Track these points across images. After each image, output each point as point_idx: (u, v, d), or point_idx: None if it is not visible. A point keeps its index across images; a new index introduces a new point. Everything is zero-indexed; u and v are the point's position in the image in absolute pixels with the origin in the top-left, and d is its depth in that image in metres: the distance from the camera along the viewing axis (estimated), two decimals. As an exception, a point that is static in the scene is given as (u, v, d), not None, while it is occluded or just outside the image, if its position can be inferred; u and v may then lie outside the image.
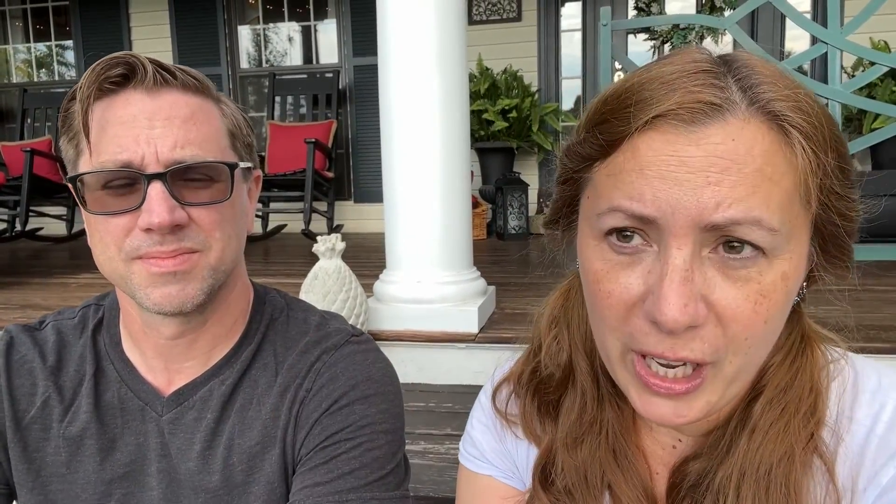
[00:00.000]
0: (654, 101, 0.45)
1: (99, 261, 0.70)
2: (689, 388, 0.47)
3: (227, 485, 0.74)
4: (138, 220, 0.66)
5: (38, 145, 5.52)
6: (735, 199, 0.43)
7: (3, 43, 6.73)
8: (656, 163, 0.45)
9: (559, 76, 5.73)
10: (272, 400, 0.76)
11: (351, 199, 6.07)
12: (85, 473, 0.74)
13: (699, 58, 0.48)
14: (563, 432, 0.60)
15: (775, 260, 0.45)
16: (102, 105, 0.67)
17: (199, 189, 0.69)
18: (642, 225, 0.46)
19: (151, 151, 0.65)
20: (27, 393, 0.75)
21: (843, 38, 2.09)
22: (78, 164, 0.69)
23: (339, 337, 0.79)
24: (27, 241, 5.62)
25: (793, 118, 0.45)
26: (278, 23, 6.27)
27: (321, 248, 2.29)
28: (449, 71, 2.46)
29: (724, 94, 0.45)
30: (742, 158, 0.43)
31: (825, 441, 0.51)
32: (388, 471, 0.73)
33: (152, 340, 0.75)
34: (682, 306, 0.43)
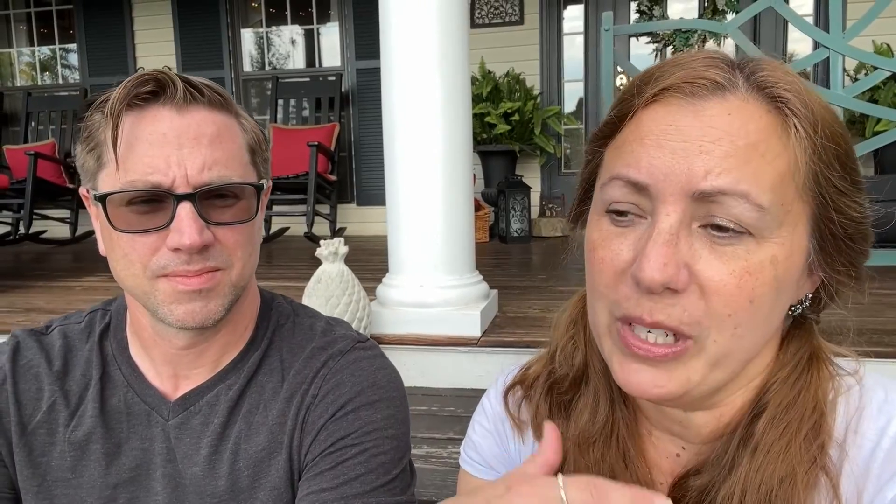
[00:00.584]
0: (662, 77, 0.48)
1: (121, 276, 0.70)
2: (667, 352, 0.47)
3: (233, 490, 0.74)
4: (167, 240, 0.67)
5: (42, 148, 5.54)
6: (724, 170, 0.44)
7: (8, 46, 6.76)
8: (655, 132, 0.47)
9: (561, 79, 5.74)
10: (279, 405, 0.76)
11: (354, 202, 6.08)
12: (90, 478, 0.74)
13: (714, 52, 0.50)
14: (575, 432, 0.60)
15: (764, 242, 0.46)
16: (130, 119, 0.67)
17: (224, 208, 0.70)
18: (637, 193, 0.48)
19: (182, 173, 0.66)
20: (33, 398, 0.75)
21: (844, 43, 2.10)
22: (99, 176, 0.69)
23: (345, 343, 0.80)
24: (31, 244, 5.64)
25: (791, 101, 0.46)
26: (281, 26, 6.29)
27: (324, 252, 2.30)
28: (451, 75, 2.47)
29: (728, 75, 0.47)
30: (736, 131, 0.45)
31: (831, 456, 0.50)
32: (393, 476, 0.74)
33: (163, 349, 0.75)
34: (661, 265, 0.45)
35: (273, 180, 5.02)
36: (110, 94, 0.68)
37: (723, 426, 0.55)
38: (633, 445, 0.59)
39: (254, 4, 6.29)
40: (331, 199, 5.41)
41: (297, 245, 5.24)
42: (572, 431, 0.61)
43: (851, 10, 5.04)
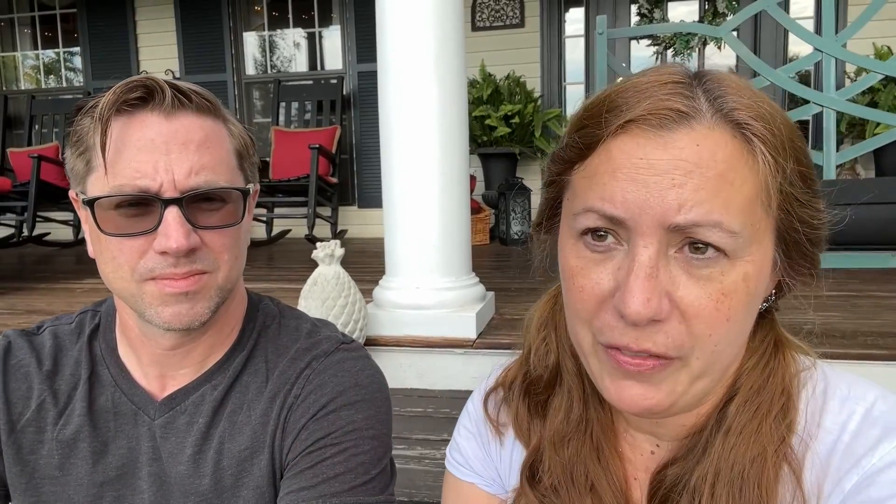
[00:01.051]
0: (627, 108, 0.49)
1: (108, 278, 0.71)
2: (655, 364, 0.49)
3: (216, 488, 0.75)
4: (154, 243, 0.68)
5: (46, 151, 5.57)
6: (696, 202, 0.46)
7: (12, 50, 6.80)
8: (627, 165, 0.48)
9: (562, 82, 5.75)
10: (262, 405, 0.77)
11: (355, 205, 6.10)
12: (77, 476, 0.75)
13: (672, 71, 0.51)
14: (550, 430, 0.62)
15: (737, 261, 0.47)
16: (119, 124, 0.68)
17: (211, 212, 0.71)
18: (613, 225, 0.49)
19: (169, 178, 0.67)
20: (23, 396, 0.76)
21: (837, 46, 2.10)
22: (88, 179, 0.70)
23: (329, 344, 0.81)
24: (34, 246, 5.67)
25: (755, 126, 0.47)
26: (283, 29, 6.31)
27: (320, 255, 2.31)
28: (447, 79, 2.48)
29: (691, 102, 0.48)
30: (705, 163, 0.46)
31: (794, 447, 0.52)
32: (372, 476, 0.74)
33: (149, 349, 0.77)
34: (645, 300, 0.46)
35: (274, 182, 5.06)
36: (99, 99, 0.68)
37: (700, 423, 0.56)
38: (608, 442, 0.61)
39: (256, 8, 6.32)
40: (332, 201, 5.43)
41: (298, 247, 5.25)
42: (548, 430, 0.62)
43: (852, 13, 5.03)
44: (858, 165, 4.83)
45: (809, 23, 5.27)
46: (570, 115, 0.55)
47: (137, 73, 6.32)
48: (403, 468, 1.83)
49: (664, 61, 5.61)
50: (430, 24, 2.44)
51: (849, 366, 2.13)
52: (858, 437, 0.50)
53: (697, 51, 5.49)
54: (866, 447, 0.49)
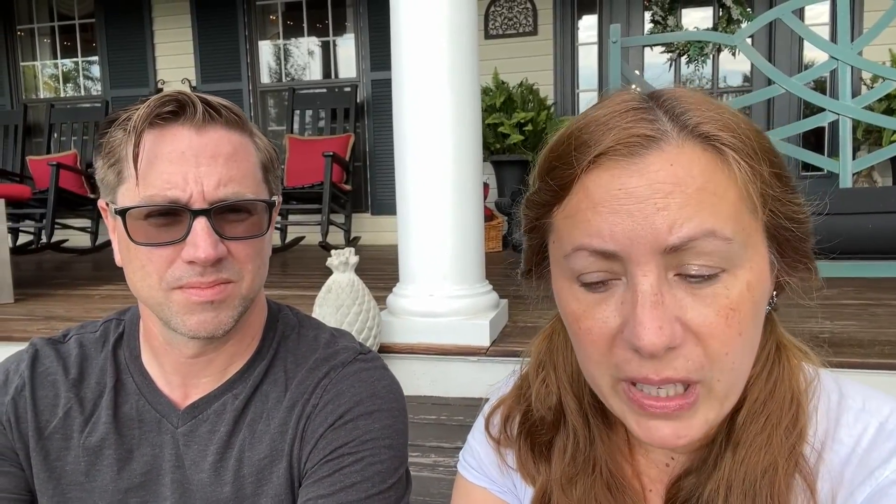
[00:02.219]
0: (594, 142, 0.48)
1: (136, 286, 0.73)
2: (682, 404, 0.48)
3: (237, 496, 0.76)
4: (182, 253, 0.70)
5: (64, 159, 5.65)
6: (686, 218, 0.46)
7: (32, 59, 6.91)
8: (607, 199, 0.47)
9: (575, 89, 5.75)
10: (281, 414, 0.78)
11: (368, 212, 6.12)
12: (102, 482, 0.77)
13: (627, 97, 0.51)
14: (557, 473, 0.61)
15: (738, 271, 0.47)
16: (151, 137, 0.70)
17: (237, 223, 0.73)
18: (606, 260, 0.48)
19: (198, 189, 0.69)
20: (50, 404, 0.78)
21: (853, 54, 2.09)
22: (118, 190, 0.72)
23: (347, 354, 0.82)
24: (52, 252, 5.74)
25: (723, 137, 0.48)
26: (298, 38, 6.37)
27: (335, 262, 2.32)
28: (461, 87, 2.49)
29: (655, 125, 0.48)
30: (683, 180, 0.46)
31: (807, 458, 0.52)
32: (389, 485, 0.75)
33: (173, 358, 0.78)
34: (658, 329, 0.46)
35: (289, 190, 5.09)
36: (132, 112, 0.71)
37: (712, 433, 0.56)
38: (618, 471, 0.60)
39: (271, 17, 6.39)
40: (346, 208, 5.46)
41: (311, 254, 5.28)
42: (555, 472, 0.62)
43: (869, 19, 5.00)
44: (875, 173, 4.79)
45: (825, 29, 5.24)
46: (535, 157, 0.55)
47: (155, 83, 6.41)
48: (417, 476, 1.84)
49: (678, 69, 5.60)
50: (445, 32, 2.45)
51: (866, 375, 2.11)
52: (872, 450, 0.50)
53: (712, 58, 5.47)
54: (880, 460, 0.49)
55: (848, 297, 3.04)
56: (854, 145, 4.78)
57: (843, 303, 2.95)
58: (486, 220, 5.08)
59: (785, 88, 2.17)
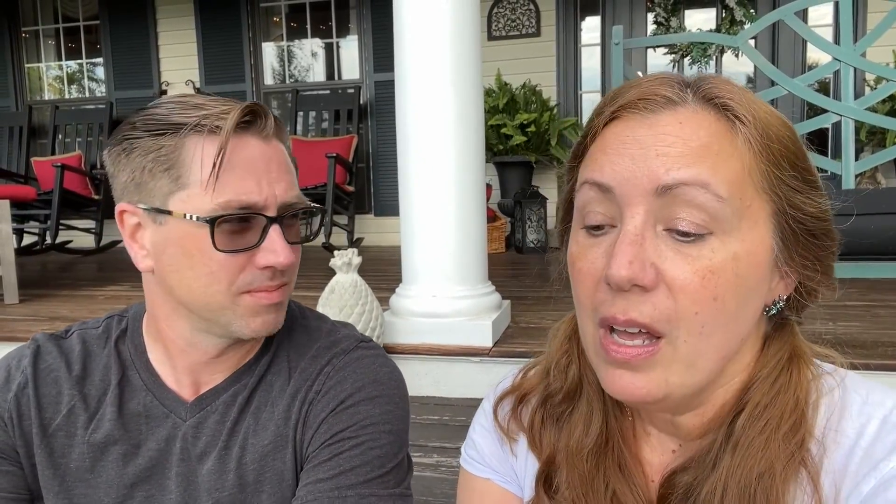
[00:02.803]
0: (620, 98, 0.53)
1: (196, 293, 0.73)
2: (641, 352, 0.50)
3: (240, 484, 0.77)
4: (257, 258, 0.73)
5: (69, 160, 5.67)
6: (683, 165, 0.49)
7: (37, 61, 6.94)
8: (615, 143, 0.52)
9: (578, 90, 5.75)
10: (285, 402, 0.79)
11: (371, 213, 6.13)
12: (108, 478, 0.77)
13: (668, 75, 0.54)
14: (571, 443, 0.62)
15: (727, 238, 0.49)
16: (213, 140, 0.71)
17: (293, 228, 0.78)
18: (604, 197, 0.52)
19: (271, 195, 0.73)
20: (53, 401, 0.78)
21: (855, 55, 2.09)
22: (175, 196, 0.72)
23: (349, 342, 0.84)
24: (57, 253, 5.77)
25: (736, 108, 0.50)
26: (301, 40, 6.39)
27: (338, 263, 2.33)
28: (464, 89, 2.50)
29: (678, 91, 0.52)
30: (688, 136, 0.49)
31: (812, 452, 0.52)
32: (387, 469, 0.76)
33: (191, 358, 0.79)
34: (627, 262, 0.48)
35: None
36: (187, 116, 0.71)
37: (707, 422, 0.57)
38: (629, 452, 0.61)
39: (275, 19, 6.40)
40: (349, 209, 5.47)
41: (314, 255, 5.29)
42: (564, 442, 0.63)
43: (872, 19, 5.00)
44: (879, 174, 4.78)
45: (828, 30, 5.23)
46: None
47: (159, 84, 6.43)
48: (420, 476, 1.84)
49: (681, 69, 5.60)
50: (448, 34, 2.46)
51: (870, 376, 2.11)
52: (876, 442, 0.51)
53: (715, 59, 5.47)
54: (884, 452, 0.50)
55: (852, 298, 3.03)
56: (858, 146, 4.77)
57: (847, 304, 2.94)
58: (490, 222, 5.09)
59: (787, 90, 2.17)
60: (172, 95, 0.77)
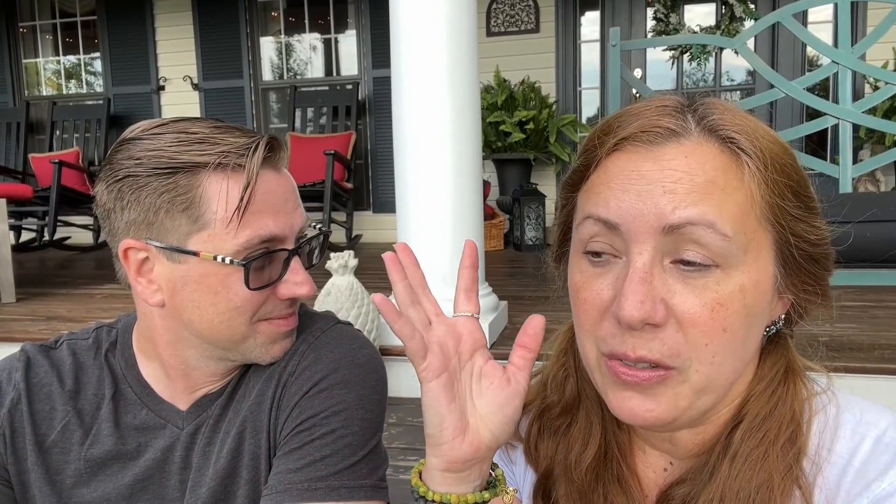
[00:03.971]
0: (621, 128, 0.52)
1: (218, 327, 0.73)
2: (651, 376, 0.50)
3: (218, 476, 0.76)
4: (280, 290, 0.74)
5: (67, 157, 5.65)
6: (690, 203, 0.48)
7: (34, 56, 6.92)
8: (620, 177, 0.51)
9: (577, 87, 5.73)
10: (259, 385, 0.78)
11: (370, 210, 6.12)
12: (105, 491, 0.77)
13: (667, 100, 0.54)
14: (570, 457, 0.62)
15: (733, 272, 0.49)
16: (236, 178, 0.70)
17: (306, 254, 0.79)
18: (608, 231, 0.51)
19: (289, 227, 0.73)
20: (47, 417, 0.78)
21: (852, 58, 2.08)
22: (193, 237, 0.70)
23: (325, 322, 0.83)
24: (55, 250, 5.76)
25: (741, 140, 0.50)
26: (300, 35, 6.36)
27: (334, 265, 2.33)
28: (460, 88, 2.49)
29: (680, 122, 0.51)
30: (694, 171, 0.49)
31: (804, 470, 0.52)
32: (359, 458, 0.74)
33: (194, 378, 0.79)
34: (638, 303, 0.48)
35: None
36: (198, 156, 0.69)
37: (708, 440, 0.57)
38: (627, 466, 0.61)
39: (273, 14, 6.38)
40: (347, 206, 5.46)
41: (313, 252, 5.29)
42: (562, 456, 0.63)
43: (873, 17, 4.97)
44: (878, 172, 4.77)
45: (829, 27, 5.21)
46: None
47: (157, 80, 6.41)
48: (415, 480, 1.84)
49: (680, 66, 5.58)
50: (444, 30, 2.45)
51: (865, 380, 2.11)
52: (869, 463, 0.51)
53: (714, 55, 5.45)
54: (877, 472, 0.50)
55: (849, 299, 3.03)
56: (857, 144, 4.76)
57: (844, 304, 2.93)
58: (488, 219, 5.08)
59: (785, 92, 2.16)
60: (160, 124, 0.73)
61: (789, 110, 5.20)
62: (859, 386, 2.08)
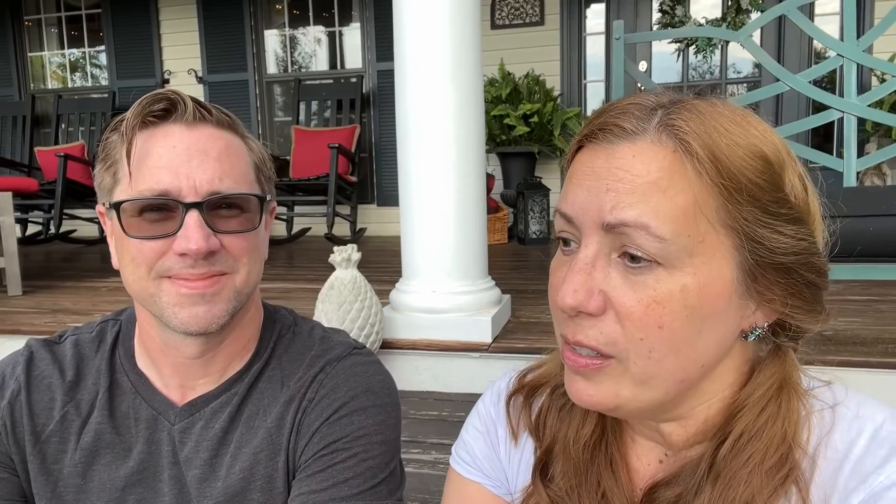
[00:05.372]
0: (590, 124, 0.54)
1: (128, 280, 0.75)
2: (589, 364, 0.53)
3: (227, 492, 0.77)
4: (174, 245, 0.71)
5: (72, 150, 5.67)
6: (627, 204, 0.49)
7: (39, 50, 6.93)
8: (578, 173, 0.54)
9: (582, 80, 5.71)
10: (278, 410, 0.80)
11: (374, 203, 6.13)
12: (100, 482, 0.78)
13: (647, 97, 0.54)
14: (569, 432, 0.63)
15: (676, 272, 0.49)
16: (144, 136, 0.72)
17: (230, 218, 0.75)
18: (567, 224, 0.54)
19: (190, 183, 0.71)
20: (46, 407, 0.79)
21: (858, 51, 2.06)
22: (114, 191, 0.74)
23: (342, 349, 0.84)
24: (61, 243, 5.79)
25: (692, 145, 0.49)
26: (304, 27, 6.35)
27: (337, 259, 2.33)
28: (464, 82, 2.48)
29: (638, 123, 0.51)
30: (638, 171, 0.49)
31: (802, 467, 0.52)
32: (380, 480, 0.77)
33: (171, 359, 0.79)
34: (572, 291, 0.51)
35: (294, 182, 5.11)
36: (126, 115, 0.72)
37: (692, 435, 0.57)
38: (619, 453, 0.62)
39: (277, 7, 6.37)
40: (351, 199, 5.46)
41: (317, 246, 5.30)
42: (563, 432, 0.64)
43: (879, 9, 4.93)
44: (885, 165, 4.74)
45: (835, 19, 5.17)
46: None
47: (161, 73, 6.42)
48: (417, 472, 1.85)
49: (686, 59, 5.55)
50: (447, 23, 2.44)
51: (868, 375, 2.10)
52: (866, 456, 0.51)
53: (720, 48, 5.42)
54: (874, 465, 0.50)
55: (853, 293, 3.02)
56: (863, 137, 4.73)
57: (848, 298, 2.93)
58: (492, 212, 5.08)
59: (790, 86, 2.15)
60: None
61: (795, 103, 5.18)
62: (863, 380, 2.07)
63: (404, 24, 2.50)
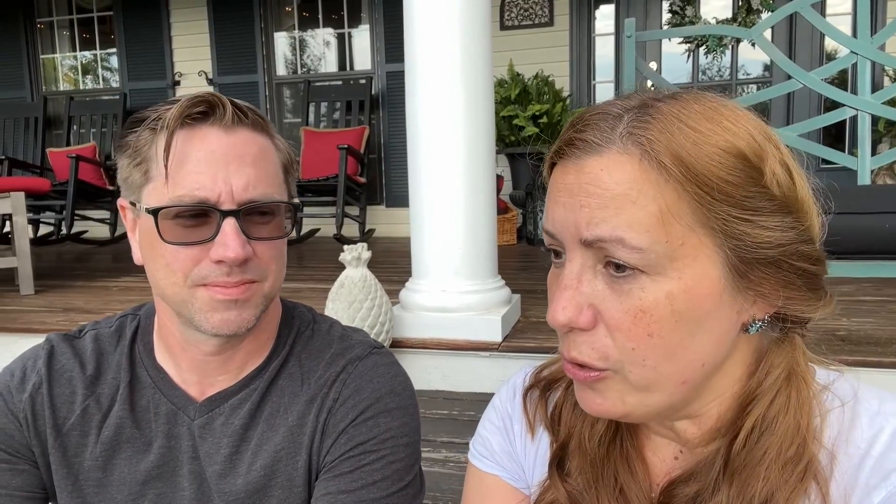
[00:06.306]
0: (560, 139, 0.54)
1: (160, 284, 0.74)
2: (587, 376, 0.53)
3: (248, 488, 0.78)
4: (210, 252, 0.71)
5: (84, 151, 5.71)
6: (601, 220, 0.49)
7: (52, 52, 6.99)
8: (554, 189, 0.54)
9: (591, 81, 5.70)
10: (298, 408, 0.80)
11: (383, 204, 6.14)
12: (120, 475, 0.79)
13: (611, 105, 0.53)
14: (584, 427, 0.63)
15: (660, 278, 0.49)
16: (182, 136, 0.72)
17: (262, 225, 0.75)
18: (554, 240, 0.54)
19: (227, 190, 0.71)
20: (67, 401, 0.79)
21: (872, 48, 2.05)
22: (144, 189, 0.73)
23: (362, 349, 0.84)
24: (72, 243, 5.83)
25: (659, 150, 0.48)
26: (313, 30, 6.38)
27: (347, 258, 2.34)
28: (474, 82, 2.48)
29: (604, 134, 0.51)
30: (607, 184, 0.49)
31: (822, 463, 0.52)
32: (406, 482, 0.78)
33: (189, 355, 0.79)
34: (561, 309, 0.51)
35: (303, 182, 5.12)
36: (161, 112, 0.72)
37: (706, 432, 0.57)
38: (635, 449, 0.62)
39: (287, 9, 6.40)
40: (360, 200, 5.48)
41: (326, 246, 5.31)
42: (579, 427, 0.64)
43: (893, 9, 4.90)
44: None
45: (848, 19, 5.14)
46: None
47: (172, 75, 6.46)
48: (428, 471, 1.85)
49: (696, 60, 5.53)
50: (457, 24, 2.44)
51: (883, 375, 2.08)
52: (888, 453, 0.50)
53: (731, 48, 5.39)
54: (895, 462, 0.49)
55: (866, 294, 3.00)
56: (876, 137, 4.70)
57: (861, 299, 2.91)
58: (501, 213, 5.07)
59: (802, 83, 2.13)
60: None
61: (807, 103, 5.15)
62: (877, 381, 2.05)
63: (415, 26, 2.50)
